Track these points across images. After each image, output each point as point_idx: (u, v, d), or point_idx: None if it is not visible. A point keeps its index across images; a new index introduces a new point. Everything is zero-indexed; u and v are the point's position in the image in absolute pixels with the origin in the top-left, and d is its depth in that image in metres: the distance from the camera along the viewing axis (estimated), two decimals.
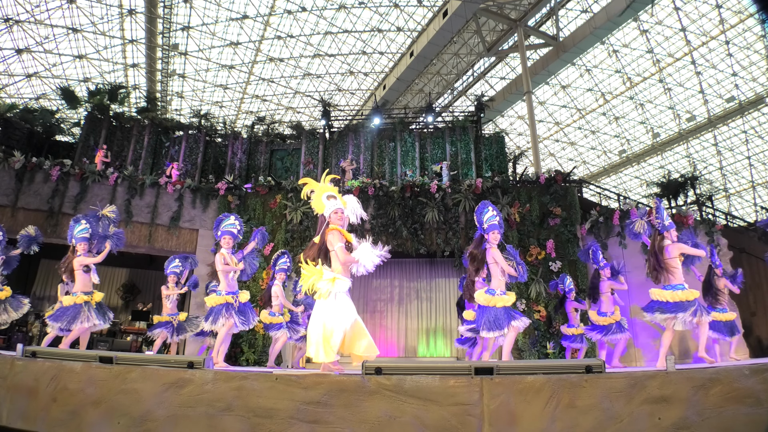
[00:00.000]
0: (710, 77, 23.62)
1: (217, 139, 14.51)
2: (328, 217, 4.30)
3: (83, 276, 6.46)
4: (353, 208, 4.45)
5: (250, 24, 22.75)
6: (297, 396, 2.71)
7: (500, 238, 5.90)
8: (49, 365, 3.28)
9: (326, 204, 4.32)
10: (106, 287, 15.76)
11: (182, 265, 8.60)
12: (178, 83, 26.29)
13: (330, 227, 4.22)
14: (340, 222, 4.27)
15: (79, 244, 6.58)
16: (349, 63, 25.87)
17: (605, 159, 31.45)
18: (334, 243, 4.16)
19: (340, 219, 4.28)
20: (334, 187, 4.48)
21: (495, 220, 5.94)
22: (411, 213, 11.42)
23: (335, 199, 4.34)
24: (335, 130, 14.50)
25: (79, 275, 6.44)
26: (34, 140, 13.08)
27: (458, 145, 13.49)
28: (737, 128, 25.93)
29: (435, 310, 12.62)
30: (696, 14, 20.73)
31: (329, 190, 4.40)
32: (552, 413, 2.47)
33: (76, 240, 6.61)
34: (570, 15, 21.74)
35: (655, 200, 6.46)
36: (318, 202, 4.36)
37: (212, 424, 2.76)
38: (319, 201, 4.35)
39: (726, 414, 2.35)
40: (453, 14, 18.76)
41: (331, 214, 4.29)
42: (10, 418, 3.21)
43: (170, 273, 8.51)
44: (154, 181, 11.66)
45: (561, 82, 25.99)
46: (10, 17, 19.66)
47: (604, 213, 11.01)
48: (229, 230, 6.23)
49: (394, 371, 2.77)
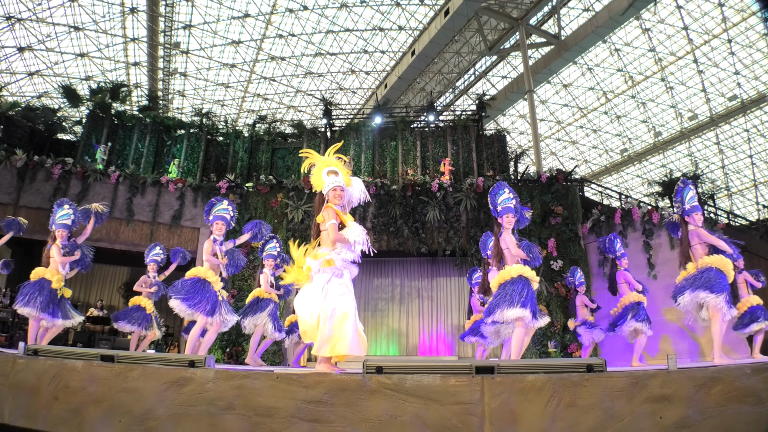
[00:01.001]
0: (712, 76, 23.56)
1: (219, 137, 14.53)
2: (326, 194, 3.89)
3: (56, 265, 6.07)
4: (357, 189, 4.01)
5: (251, 22, 22.75)
6: (298, 395, 2.71)
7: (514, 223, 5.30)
8: (50, 363, 3.28)
9: (325, 180, 3.88)
10: (107, 286, 15.83)
11: (163, 252, 8.07)
12: (179, 82, 26.31)
13: (327, 205, 3.83)
14: (338, 200, 3.85)
15: (58, 230, 6.21)
16: (351, 62, 25.86)
17: (607, 158, 31.40)
18: (327, 220, 3.75)
19: (338, 197, 3.86)
20: (338, 162, 4.00)
21: (510, 203, 5.31)
22: (412, 212, 11.42)
23: (336, 175, 3.89)
24: (336, 129, 14.50)
25: (53, 264, 6.07)
26: (35, 138, 13.09)
27: (460, 144, 13.49)
28: (739, 127, 25.86)
29: (436, 309, 12.62)
30: (698, 12, 20.68)
31: (332, 164, 3.94)
32: (553, 412, 2.47)
33: (56, 226, 6.24)
34: (572, 14, 21.70)
35: (681, 181, 5.68)
36: (317, 178, 3.92)
37: (213, 423, 2.76)
38: (319, 176, 3.91)
39: (727, 413, 2.35)
40: (455, 13, 18.74)
41: (329, 191, 3.86)
42: (12, 416, 3.22)
43: (150, 261, 7.96)
44: (155, 180, 11.68)
45: (562, 80, 25.95)
46: (12, 15, 19.67)
47: (605, 212, 11.01)
48: (222, 215, 5.73)
49: (395, 370, 2.77)
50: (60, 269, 6.09)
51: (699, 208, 5.37)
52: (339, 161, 4.02)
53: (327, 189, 3.87)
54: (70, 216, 6.32)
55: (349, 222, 3.79)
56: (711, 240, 5.22)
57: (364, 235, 3.74)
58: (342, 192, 3.88)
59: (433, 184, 11.52)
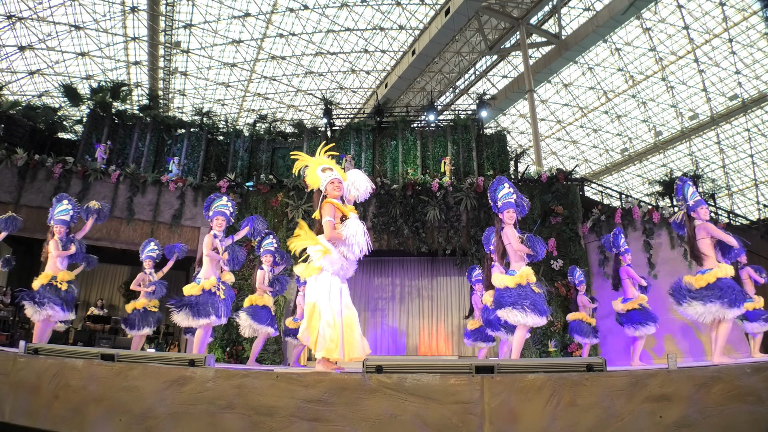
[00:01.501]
0: (713, 75, 23.55)
1: (219, 137, 14.52)
2: (324, 189, 3.81)
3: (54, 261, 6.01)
4: (356, 180, 3.94)
5: (252, 22, 22.75)
6: (298, 394, 2.72)
7: (516, 218, 5.22)
8: (51, 362, 3.29)
9: (321, 177, 3.82)
10: (107, 285, 15.84)
11: (158, 248, 7.89)
12: (180, 81, 26.31)
13: (326, 200, 3.75)
14: (337, 191, 3.78)
15: (56, 225, 6.11)
16: (351, 61, 25.86)
17: (607, 157, 31.39)
18: (324, 216, 3.67)
19: (336, 189, 3.78)
20: (330, 160, 3.95)
21: (511, 198, 5.25)
22: (412, 211, 11.42)
23: (331, 171, 3.84)
24: (337, 129, 14.50)
25: (50, 260, 6.00)
26: (36, 137, 13.09)
27: (460, 144, 13.48)
28: (740, 126, 25.85)
29: (436, 309, 12.62)
30: (699, 12, 20.67)
31: (324, 162, 3.90)
32: (553, 412, 2.47)
33: (54, 221, 6.16)
34: (572, 13, 21.70)
35: (679, 179, 5.61)
36: (312, 177, 3.86)
37: (213, 422, 2.77)
38: (314, 175, 3.85)
39: (727, 412, 2.35)
40: (455, 12, 18.71)
41: (327, 184, 3.79)
42: (13, 414, 3.23)
43: (146, 257, 7.78)
44: (156, 179, 11.68)
45: (563, 80, 25.94)
46: (13, 14, 19.67)
47: (606, 211, 11.01)
48: (222, 210, 5.71)
49: (395, 370, 2.78)
50: (58, 264, 6.03)
51: (703, 202, 5.30)
52: (331, 160, 3.98)
53: (324, 183, 3.80)
54: (69, 212, 6.24)
55: (351, 215, 3.72)
56: (718, 234, 5.10)
57: (362, 235, 3.66)
58: (340, 184, 3.83)
59: (433, 183, 11.51)
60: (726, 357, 5.01)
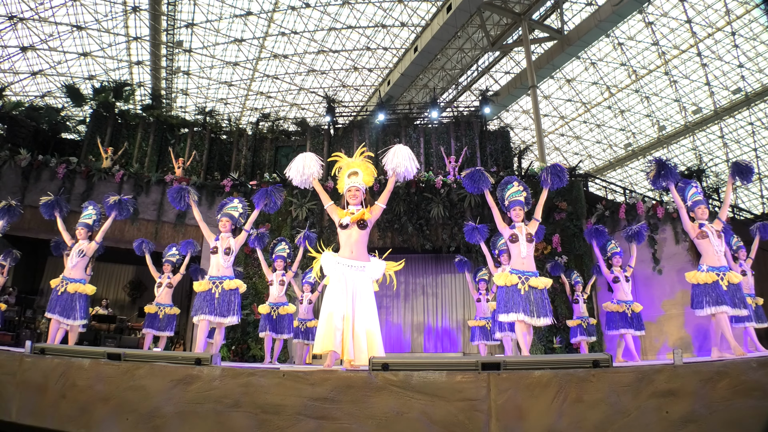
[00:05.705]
0: (716, 69, 23.44)
1: (222, 136, 14.54)
2: (344, 195, 4.19)
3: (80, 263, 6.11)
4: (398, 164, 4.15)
5: (254, 21, 22.74)
6: (304, 392, 2.72)
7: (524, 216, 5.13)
8: (57, 362, 3.30)
9: (345, 182, 4.19)
10: (113, 284, 15.88)
11: (179, 253, 8.07)
12: (182, 80, 26.34)
13: (330, 205, 4.16)
14: (353, 199, 4.09)
15: (78, 228, 6.27)
16: (353, 59, 25.84)
17: (611, 153, 31.30)
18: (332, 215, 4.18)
19: (353, 197, 4.10)
20: (359, 162, 4.23)
21: (520, 196, 5.18)
22: (416, 208, 11.41)
23: (356, 176, 4.15)
24: (340, 126, 14.49)
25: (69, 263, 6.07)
26: (39, 138, 13.13)
27: (463, 140, 13.46)
28: (743, 120, 25.75)
29: (441, 306, 12.62)
30: (701, 5, 20.56)
31: (354, 166, 4.21)
32: (559, 408, 2.47)
33: (78, 225, 6.33)
34: (575, 8, 21.60)
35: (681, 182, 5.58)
36: (341, 183, 4.25)
37: (220, 421, 2.78)
38: (342, 181, 4.24)
39: (734, 407, 2.35)
40: (457, 9, 18.67)
41: (345, 192, 4.17)
42: (19, 414, 3.24)
43: (166, 261, 8.07)
44: (159, 179, 11.69)
45: (566, 75, 25.85)
46: (15, 15, 19.71)
47: (610, 207, 10.99)
48: (230, 213, 5.93)
49: (401, 367, 2.78)
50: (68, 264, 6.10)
51: (702, 203, 5.32)
52: (366, 161, 4.26)
53: (344, 190, 4.17)
54: (92, 216, 6.46)
55: (323, 255, 4.00)
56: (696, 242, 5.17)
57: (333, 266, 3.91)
58: (357, 192, 4.11)
59: (437, 180, 11.50)
60: (719, 351, 5.05)
